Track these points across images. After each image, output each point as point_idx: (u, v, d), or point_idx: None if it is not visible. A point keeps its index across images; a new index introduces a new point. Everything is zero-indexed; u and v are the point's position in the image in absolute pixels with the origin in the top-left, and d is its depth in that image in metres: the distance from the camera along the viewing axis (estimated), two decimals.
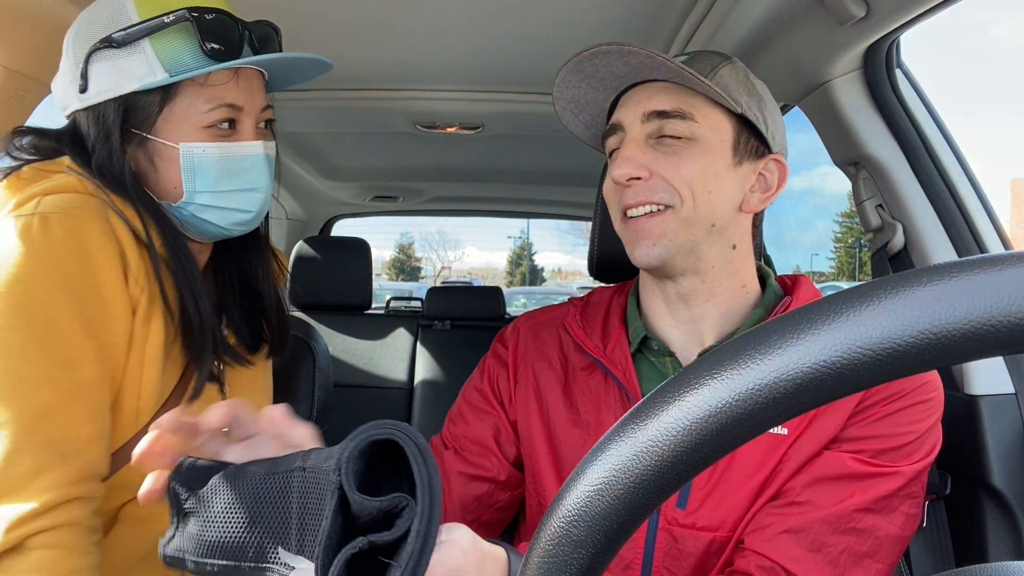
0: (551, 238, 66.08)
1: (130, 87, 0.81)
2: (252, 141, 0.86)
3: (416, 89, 1.59)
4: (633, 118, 0.80)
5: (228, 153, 0.84)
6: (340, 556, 0.40)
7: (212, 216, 0.86)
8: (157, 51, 0.80)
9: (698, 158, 0.77)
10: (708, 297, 0.81)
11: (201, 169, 0.83)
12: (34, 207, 0.74)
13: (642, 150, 0.78)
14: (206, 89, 0.82)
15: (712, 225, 0.78)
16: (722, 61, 0.81)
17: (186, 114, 0.82)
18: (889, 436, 0.72)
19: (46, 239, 0.72)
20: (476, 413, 0.91)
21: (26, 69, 1.07)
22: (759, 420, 0.24)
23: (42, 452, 0.69)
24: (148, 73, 0.81)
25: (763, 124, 0.80)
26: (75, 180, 0.78)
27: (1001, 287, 0.21)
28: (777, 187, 0.82)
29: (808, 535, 0.69)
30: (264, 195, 0.88)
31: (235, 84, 0.84)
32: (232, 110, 0.84)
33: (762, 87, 0.83)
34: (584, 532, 0.26)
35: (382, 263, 49.82)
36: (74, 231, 0.74)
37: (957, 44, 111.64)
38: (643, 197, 0.78)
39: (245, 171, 0.85)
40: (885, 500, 0.71)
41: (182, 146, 0.82)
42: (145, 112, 0.82)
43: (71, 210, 0.75)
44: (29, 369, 0.70)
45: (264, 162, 0.87)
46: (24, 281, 0.71)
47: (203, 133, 0.83)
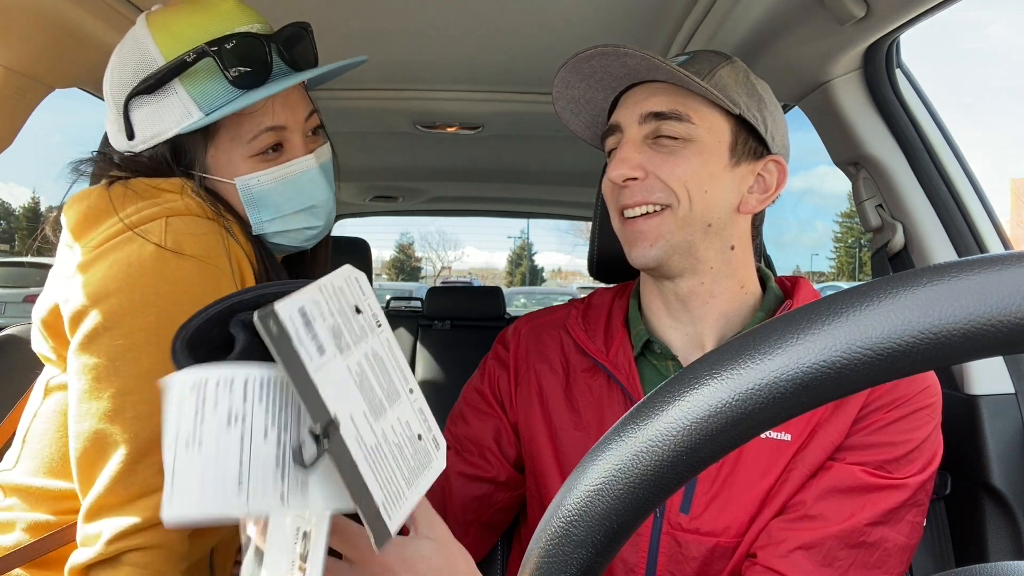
0: (551, 238, 66.17)
1: (171, 132, 0.80)
2: (303, 156, 0.84)
3: (416, 89, 1.59)
4: (631, 119, 0.80)
5: (282, 176, 0.83)
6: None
7: (284, 239, 0.87)
8: (189, 91, 0.79)
9: (693, 158, 0.77)
10: (707, 299, 0.81)
11: (261, 199, 0.83)
12: (163, 228, 0.74)
13: (639, 150, 0.79)
14: (245, 118, 0.81)
15: (709, 225, 0.78)
16: (722, 61, 0.81)
17: (232, 147, 0.81)
18: (894, 444, 0.72)
19: (179, 265, 0.72)
20: (476, 414, 0.91)
21: (26, 69, 1.07)
22: (759, 420, 0.24)
23: (156, 473, 0.70)
24: (185, 115, 0.79)
25: (762, 125, 0.80)
26: (195, 204, 0.78)
27: (1001, 287, 0.21)
28: (776, 188, 0.82)
29: (821, 551, 0.69)
30: (328, 207, 0.88)
31: (272, 105, 0.82)
32: (276, 132, 0.82)
33: (763, 87, 0.83)
34: (584, 532, 0.26)
35: (382, 263, 49.85)
36: (204, 256, 0.74)
37: (955, 44, 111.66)
38: (640, 197, 0.78)
39: (304, 189, 0.85)
40: (893, 512, 0.71)
41: (237, 181, 0.82)
42: (192, 153, 0.82)
43: (202, 236, 0.75)
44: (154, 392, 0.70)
45: (320, 174, 0.86)
46: (156, 304, 0.71)
47: (253, 162, 0.82)
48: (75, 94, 1.25)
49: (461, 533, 0.61)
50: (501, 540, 0.96)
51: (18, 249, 33.26)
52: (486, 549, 0.93)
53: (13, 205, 40.37)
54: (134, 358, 0.70)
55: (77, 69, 1.17)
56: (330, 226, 0.91)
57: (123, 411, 0.70)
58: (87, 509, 0.70)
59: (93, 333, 0.71)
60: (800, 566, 0.69)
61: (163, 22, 0.80)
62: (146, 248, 0.72)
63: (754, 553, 0.72)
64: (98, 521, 0.69)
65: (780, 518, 0.72)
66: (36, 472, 0.78)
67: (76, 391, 0.71)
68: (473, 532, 0.88)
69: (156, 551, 0.70)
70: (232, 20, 0.81)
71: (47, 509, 0.77)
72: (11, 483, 0.78)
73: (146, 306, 0.71)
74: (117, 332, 0.70)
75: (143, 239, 0.73)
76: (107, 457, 0.69)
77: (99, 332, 0.71)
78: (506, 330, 0.95)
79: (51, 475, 0.77)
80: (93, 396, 0.70)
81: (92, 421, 0.70)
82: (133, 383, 0.70)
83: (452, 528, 0.57)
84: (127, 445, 0.69)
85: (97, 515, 0.69)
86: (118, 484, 0.69)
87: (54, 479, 0.77)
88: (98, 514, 0.69)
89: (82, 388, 0.71)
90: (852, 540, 0.69)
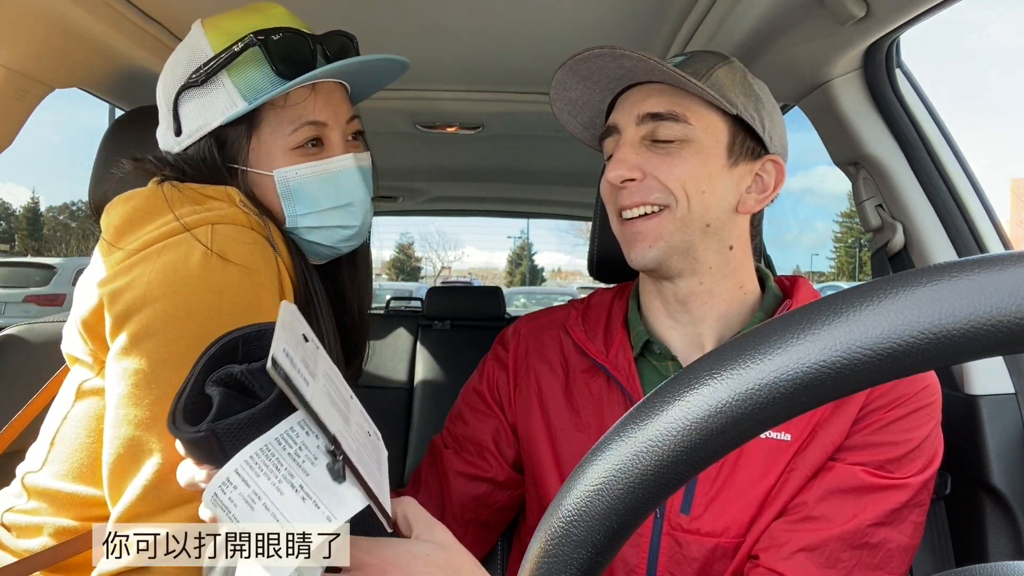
0: (551, 238, 66.20)
1: (216, 122, 0.81)
2: (342, 155, 0.85)
3: (416, 89, 1.59)
4: (628, 120, 0.80)
5: (320, 171, 0.83)
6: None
7: (319, 237, 0.86)
8: (235, 82, 0.81)
9: (691, 159, 0.77)
10: (707, 299, 0.81)
11: (298, 192, 0.83)
12: (208, 234, 0.74)
13: (636, 152, 0.79)
14: (287, 111, 0.82)
15: (707, 225, 0.78)
16: (719, 62, 0.80)
17: (273, 139, 0.82)
18: (895, 443, 0.72)
19: (224, 273, 0.72)
20: (475, 414, 0.91)
21: (26, 69, 1.07)
22: (759, 420, 0.24)
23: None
24: (230, 105, 0.81)
25: (760, 125, 0.80)
26: (241, 214, 0.78)
27: (1001, 287, 0.21)
28: (774, 188, 0.82)
29: (824, 552, 0.69)
30: (364, 208, 0.87)
31: (314, 100, 0.83)
32: (316, 127, 0.83)
33: (761, 87, 0.83)
34: (584, 532, 0.26)
35: (382, 263, 49.85)
36: (249, 267, 0.74)
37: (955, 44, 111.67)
38: (638, 198, 0.78)
39: (341, 186, 0.85)
40: (896, 512, 0.71)
41: (276, 173, 0.82)
42: (236, 145, 0.83)
43: (246, 245, 0.75)
44: None
45: (358, 174, 0.86)
46: (201, 313, 0.71)
47: (292, 156, 0.83)
48: (75, 94, 1.25)
49: (460, 533, 0.61)
50: (501, 540, 0.96)
51: (18, 249, 33.27)
52: (485, 549, 0.93)
53: (13, 205, 40.39)
54: (175, 366, 0.69)
55: (77, 69, 1.17)
56: (366, 232, 0.91)
57: (161, 419, 0.69)
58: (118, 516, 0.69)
59: (136, 338, 0.70)
60: (803, 568, 0.68)
61: (216, 23, 0.83)
62: (193, 254, 0.72)
63: (756, 555, 0.72)
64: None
65: (782, 519, 0.72)
66: (64, 476, 0.77)
67: (115, 396, 0.71)
68: (471, 532, 0.88)
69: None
70: (279, 22, 0.83)
71: (72, 515, 0.76)
72: (37, 486, 0.78)
73: (191, 314, 0.70)
74: (161, 339, 0.70)
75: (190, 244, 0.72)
76: (141, 465, 0.69)
77: (142, 338, 0.70)
78: (505, 331, 0.95)
79: (79, 480, 0.77)
80: (132, 402, 0.70)
81: (129, 428, 0.69)
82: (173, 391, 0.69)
83: (450, 527, 0.57)
84: (163, 454, 0.68)
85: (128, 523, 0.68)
86: (150, 493, 0.68)
87: (83, 485, 0.76)
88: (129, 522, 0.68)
89: (121, 393, 0.70)
90: (855, 541, 0.69)
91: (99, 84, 1.25)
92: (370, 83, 0.93)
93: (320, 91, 0.83)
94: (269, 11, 0.84)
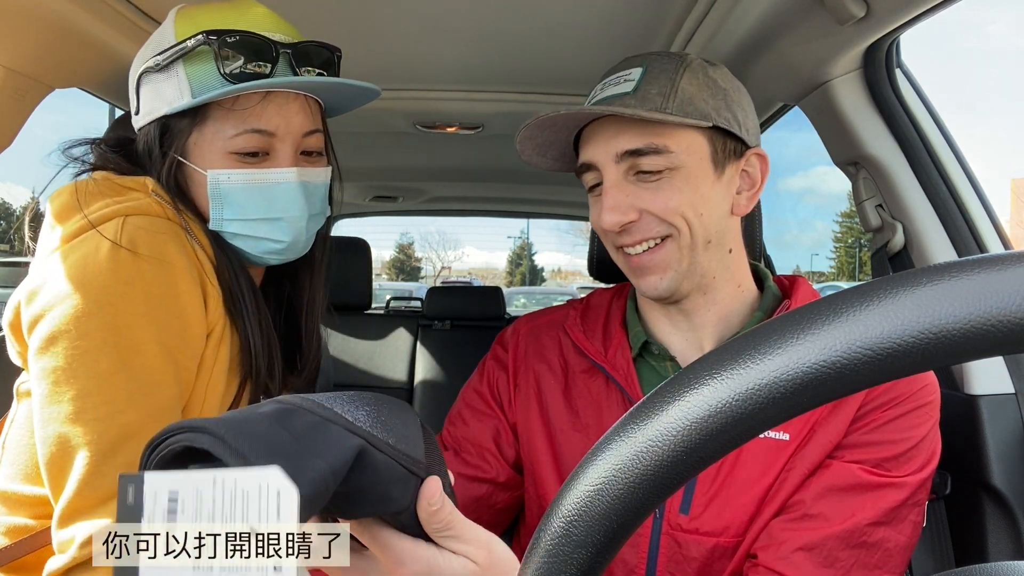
0: (551, 238, 66.19)
1: (163, 110, 0.81)
2: (284, 168, 0.82)
3: (416, 89, 1.59)
4: (605, 158, 0.78)
5: (255, 180, 0.81)
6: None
7: (243, 244, 0.84)
8: (188, 74, 0.79)
9: (683, 186, 0.76)
10: (710, 307, 0.82)
11: (227, 197, 0.81)
12: (118, 227, 0.73)
13: (625, 192, 0.77)
14: (234, 113, 0.79)
15: (709, 241, 0.78)
16: (678, 68, 0.78)
17: (214, 139, 0.80)
18: (893, 442, 0.72)
19: (135, 264, 0.72)
20: (475, 415, 0.91)
21: (26, 69, 1.07)
22: (759, 420, 0.24)
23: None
24: (177, 96, 0.80)
25: (736, 124, 0.79)
26: (156, 204, 0.78)
27: (1001, 287, 0.21)
28: (762, 181, 0.82)
29: (822, 552, 0.69)
30: (297, 225, 0.84)
31: (263, 108, 0.80)
32: (261, 136, 0.80)
33: (722, 76, 0.81)
34: (584, 532, 0.26)
35: (382, 263, 49.84)
36: (161, 257, 0.74)
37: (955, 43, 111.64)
38: (638, 236, 0.77)
39: (274, 199, 0.82)
40: (894, 511, 0.70)
41: (209, 173, 0.80)
42: (178, 136, 0.82)
43: (158, 235, 0.75)
44: (114, 392, 0.70)
45: (298, 190, 0.82)
46: (112, 304, 0.71)
47: (231, 159, 0.80)
48: (75, 94, 1.25)
49: None
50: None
51: (18, 249, 33.29)
52: None
53: (13, 205, 40.38)
54: (92, 359, 0.70)
55: (77, 69, 1.17)
56: (299, 248, 0.87)
57: (84, 413, 0.69)
58: (59, 515, 0.69)
59: (50, 337, 0.70)
60: (801, 567, 0.68)
61: (190, 13, 0.82)
62: (102, 247, 0.72)
63: (755, 554, 0.72)
64: (71, 526, 0.68)
65: (780, 518, 0.72)
66: (14, 478, 0.78)
67: (38, 396, 0.71)
68: None
69: None
70: (254, 23, 0.81)
71: (26, 513, 0.76)
72: None
73: (102, 306, 0.70)
74: (74, 334, 0.70)
75: (99, 238, 0.73)
76: (72, 460, 0.69)
77: (56, 335, 0.70)
78: (505, 331, 0.95)
79: (27, 481, 0.77)
80: (54, 400, 0.70)
81: (55, 425, 0.69)
82: (93, 384, 0.70)
83: None
84: (91, 447, 0.69)
85: (69, 520, 0.69)
86: (86, 487, 0.68)
87: (30, 485, 0.77)
88: (70, 519, 0.69)
89: (43, 393, 0.70)
90: (853, 540, 0.69)
91: (99, 84, 1.25)
92: (340, 102, 0.90)
93: (273, 100, 0.80)
94: (248, 11, 0.83)
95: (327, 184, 0.89)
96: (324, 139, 0.88)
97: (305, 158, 0.85)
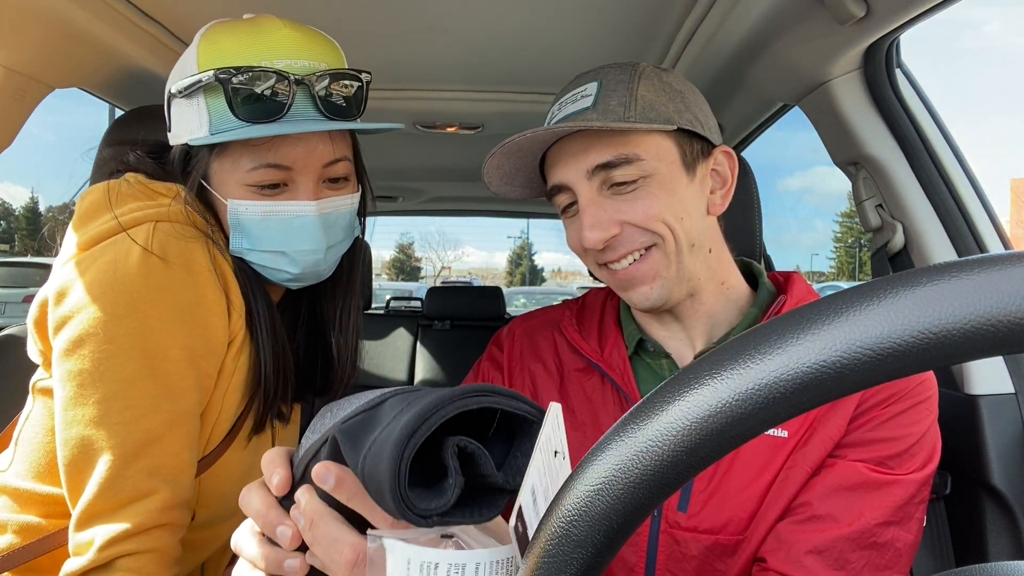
0: (551, 238, 66.15)
1: (186, 139, 0.81)
2: (305, 201, 0.80)
3: (416, 89, 1.59)
4: (577, 176, 0.77)
5: (273, 212, 0.80)
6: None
7: (262, 271, 0.84)
8: (209, 106, 0.78)
9: (659, 192, 0.76)
10: (697, 307, 0.82)
11: (245, 226, 0.81)
12: (149, 232, 0.74)
13: (602, 208, 0.76)
14: (250, 148, 0.78)
15: (692, 245, 0.78)
16: (632, 77, 0.77)
17: (232, 170, 0.80)
18: (895, 439, 0.72)
19: (165, 270, 0.73)
20: None
21: (26, 69, 1.07)
22: (759, 420, 0.24)
23: (144, 478, 0.71)
24: (198, 127, 0.80)
25: (699, 124, 0.79)
26: (184, 212, 0.78)
27: (1001, 287, 0.21)
28: (732, 178, 0.82)
29: (832, 554, 0.69)
30: (311, 258, 0.83)
31: (282, 143, 0.78)
32: (278, 170, 0.79)
33: (676, 80, 0.81)
34: (584, 532, 0.26)
35: (382, 263, 49.84)
36: (190, 264, 0.74)
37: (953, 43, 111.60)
38: (623, 250, 0.77)
39: (289, 232, 0.81)
40: (902, 509, 0.70)
41: (229, 202, 0.80)
42: (199, 161, 0.82)
43: (187, 243, 0.75)
44: (139, 396, 0.71)
45: (314, 224, 0.81)
46: (141, 310, 0.71)
47: (247, 191, 0.80)
48: (75, 94, 1.25)
49: None
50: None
51: (18, 249, 33.23)
52: None
53: (13, 205, 40.37)
54: (119, 364, 0.70)
55: (77, 69, 1.17)
56: (316, 276, 0.87)
57: (108, 416, 0.70)
58: (78, 517, 0.70)
59: (78, 339, 0.71)
60: (813, 570, 0.68)
61: (215, 36, 0.80)
62: (132, 252, 0.72)
63: (764, 557, 0.72)
64: (90, 529, 0.69)
65: (788, 520, 0.72)
66: (26, 475, 0.78)
67: (61, 398, 0.71)
68: None
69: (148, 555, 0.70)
70: (274, 50, 0.78)
71: (37, 512, 0.77)
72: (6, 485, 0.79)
73: (130, 312, 0.71)
74: (101, 337, 0.70)
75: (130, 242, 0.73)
76: (94, 463, 0.69)
77: (83, 338, 0.71)
78: (501, 331, 0.95)
79: (39, 479, 0.77)
80: (78, 402, 0.70)
81: (78, 428, 0.70)
82: (118, 388, 0.70)
83: None
84: (114, 451, 0.69)
85: (88, 523, 0.69)
86: (107, 490, 0.69)
87: (42, 483, 0.77)
88: (89, 521, 0.69)
89: (67, 395, 0.71)
90: (863, 541, 0.69)
91: (99, 84, 1.25)
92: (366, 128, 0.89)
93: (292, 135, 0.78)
94: (270, 34, 0.79)
95: (354, 210, 0.87)
96: (352, 165, 0.86)
97: (330, 185, 0.84)
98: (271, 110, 0.77)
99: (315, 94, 0.79)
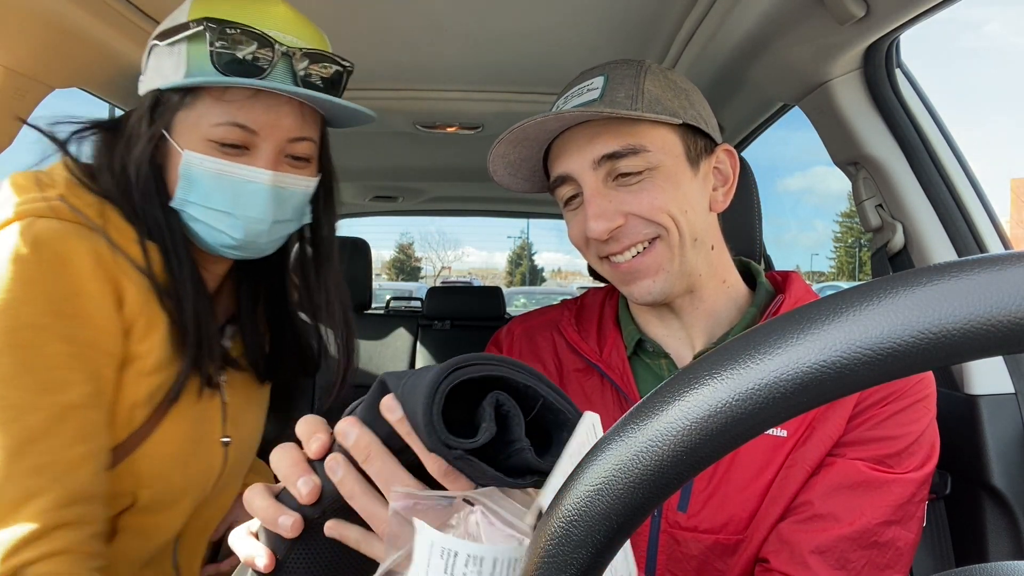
0: (551, 238, 66.23)
1: (158, 83, 0.81)
2: (261, 168, 0.81)
3: (416, 89, 1.59)
4: (582, 166, 0.77)
5: (226, 171, 0.80)
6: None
7: (200, 230, 0.84)
8: (189, 55, 0.80)
9: (664, 184, 0.76)
10: (698, 304, 0.82)
11: (196, 180, 0.81)
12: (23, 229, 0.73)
13: (607, 198, 0.76)
14: (221, 104, 0.79)
15: (695, 239, 0.78)
16: (639, 72, 0.78)
17: (198, 122, 0.80)
18: (894, 438, 0.72)
19: (37, 263, 0.71)
20: None
21: (26, 69, 1.07)
22: (759, 420, 0.24)
23: (30, 477, 0.68)
24: (173, 72, 0.81)
25: (702, 121, 0.79)
26: (67, 209, 0.77)
27: (1001, 287, 0.21)
28: (734, 176, 0.82)
29: (834, 553, 0.69)
30: (256, 227, 0.83)
31: (252, 106, 0.79)
32: (243, 131, 0.80)
33: (681, 79, 0.82)
34: (584, 532, 0.26)
35: (382, 263, 49.86)
36: (63, 258, 0.73)
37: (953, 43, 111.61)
38: (627, 241, 0.77)
39: (239, 195, 0.81)
40: (902, 508, 0.70)
41: (184, 152, 0.80)
42: (166, 109, 0.82)
43: (63, 238, 0.74)
44: (16, 395, 0.69)
45: (265, 193, 0.82)
46: (12, 306, 0.70)
47: (208, 146, 0.80)
48: (75, 94, 1.25)
49: None
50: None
51: None
52: None
53: None
54: None
55: (77, 69, 1.17)
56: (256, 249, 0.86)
57: None
58: None
59: None
60: (815, 570, 0.68)
61: None
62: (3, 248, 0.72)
63: (766, 558, 0.72)
64: None
65: (789, 520, 0.72)
66: None
67: None
68: None
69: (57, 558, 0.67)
70: (266, 21, 0.81)
71: None
72: None
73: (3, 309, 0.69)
74: None
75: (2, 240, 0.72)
76: None
77: None
78: (499, 331, 0.95)
79: None
80: None
81: None
82: None
83: None
84: None
85: None
86: None
87: None
88: None
89: None
90: (865, 541, 0.69)
91: (99, 84, 1.25)
92: (337, 117, 0.89)
93: (263, 99, 0.80)
94: (268, 7, 0.83)
95: (308, 193, 0.88)
96: (316, 148, 0.87)
97: (290, 162, 0.85)
98: (250, 71, 0.79)
99: (296, 69, 0.82)
